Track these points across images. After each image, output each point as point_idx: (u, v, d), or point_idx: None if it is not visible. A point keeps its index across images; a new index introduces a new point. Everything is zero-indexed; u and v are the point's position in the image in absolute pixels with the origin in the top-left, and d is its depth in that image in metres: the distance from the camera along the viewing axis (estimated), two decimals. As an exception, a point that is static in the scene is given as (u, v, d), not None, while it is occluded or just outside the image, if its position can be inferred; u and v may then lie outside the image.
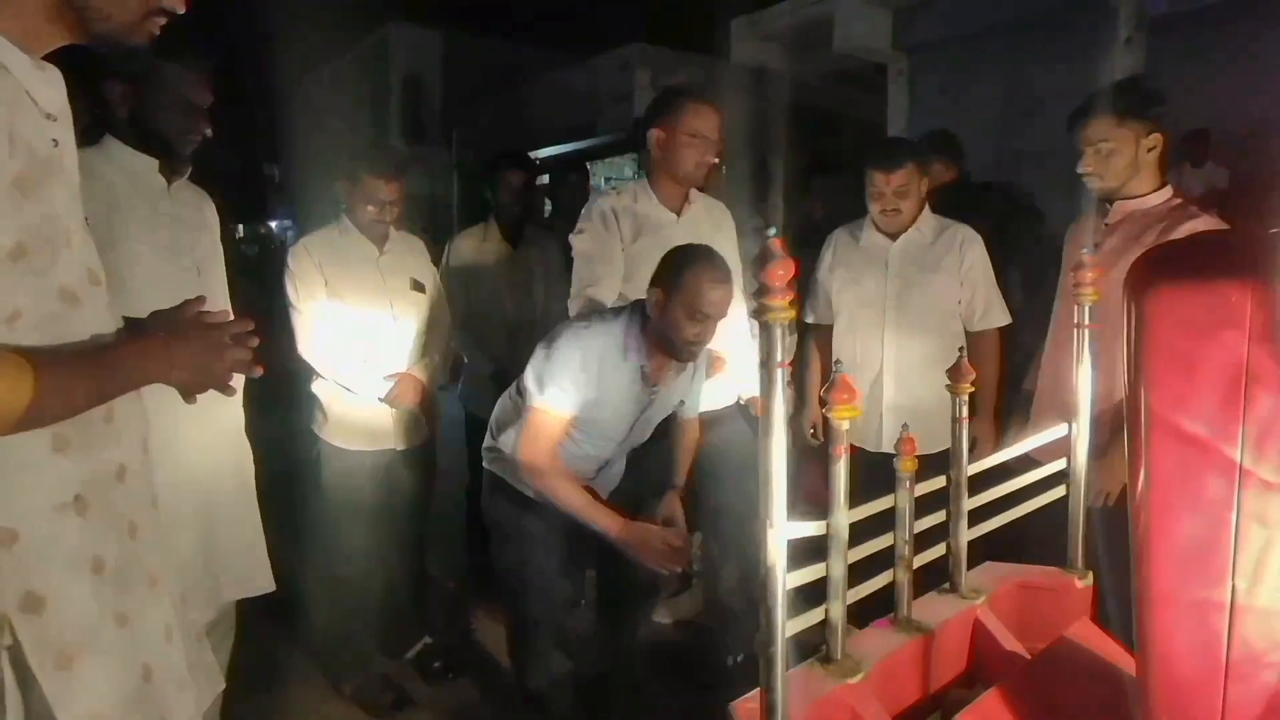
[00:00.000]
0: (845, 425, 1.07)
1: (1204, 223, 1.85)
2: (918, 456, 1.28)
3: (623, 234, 2.24)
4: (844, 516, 1.09)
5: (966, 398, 1.32)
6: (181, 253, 1.65)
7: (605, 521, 1.90)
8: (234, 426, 1.75)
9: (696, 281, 1.82)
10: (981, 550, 1.44)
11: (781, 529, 0.87)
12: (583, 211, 2.32)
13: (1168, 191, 1.93)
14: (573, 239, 2.29)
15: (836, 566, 1.09)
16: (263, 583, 1.75)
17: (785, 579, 0.90)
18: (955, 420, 1.32)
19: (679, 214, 2.30)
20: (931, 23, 5.83)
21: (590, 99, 8.13)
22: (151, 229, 1.60)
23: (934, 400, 1.67)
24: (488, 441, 2.17)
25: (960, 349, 1.36)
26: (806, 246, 2.55)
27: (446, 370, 2.53)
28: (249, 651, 1.85)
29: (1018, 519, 1.39)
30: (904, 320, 2.36)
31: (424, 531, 2.55)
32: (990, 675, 1.24)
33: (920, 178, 2.37)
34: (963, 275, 2.36)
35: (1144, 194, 1.92)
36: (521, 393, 2.02)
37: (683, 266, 1.86)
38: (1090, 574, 1.43)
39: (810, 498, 1.33)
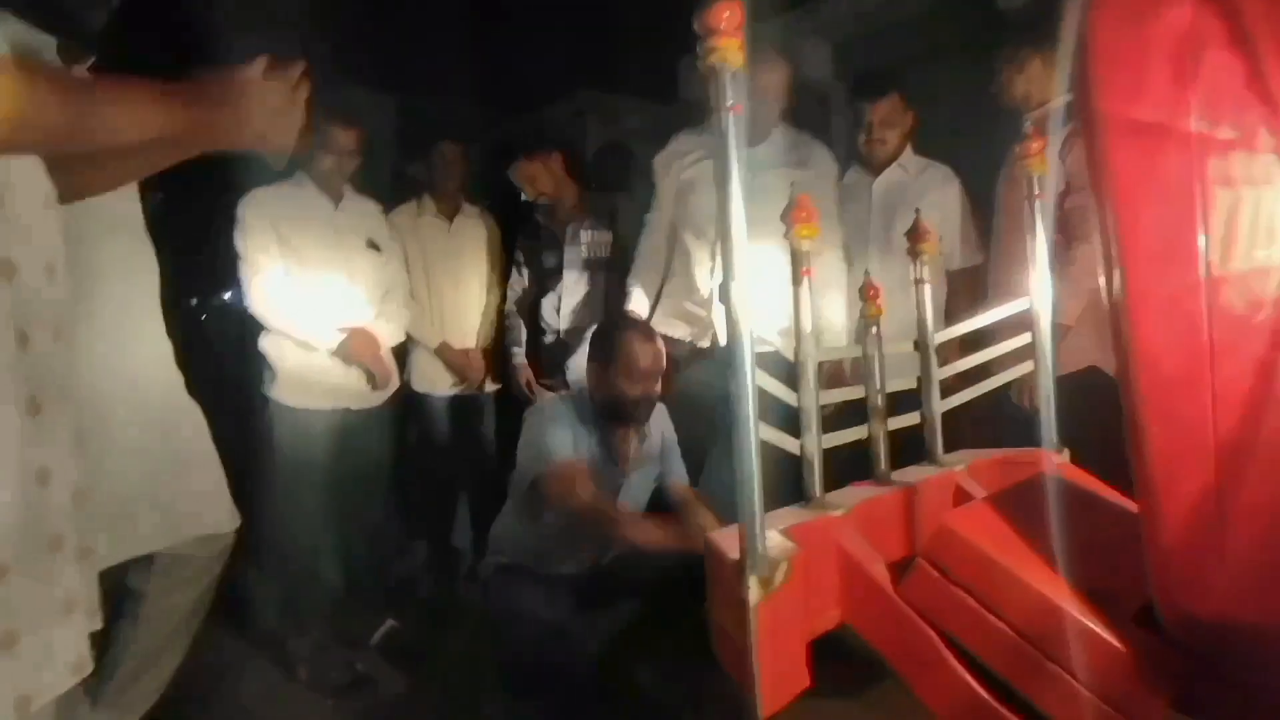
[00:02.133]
0: (806, 246, 1.05)
1: None
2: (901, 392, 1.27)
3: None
4: (812, 344, 1.06)
5: (927, 258, 1.31)
6: None
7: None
8: (161, 356, 1.54)
9: (627, 344, 1.93)
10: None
11: (744, 299, 0.83)
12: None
13: None
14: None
15: (807, 396, 1.05)
16: (215, 520, 1.51)
17: (752, 360, 0.86)
18: (917, 283, 1.30)
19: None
20: (871, 52, 6.04)
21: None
22: None
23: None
24: (490, 550, 2.08)
25: (916, 211, 1.34)
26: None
27: (402, 332, 2.43)
28: (200, 631, 1.67)
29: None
30: (889, 255, 2.25)
31: (384, 503, 2.41)
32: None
33: (904, 109, 2.36)
34: (943, 213, 2.30)
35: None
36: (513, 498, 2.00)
37: (610, 335, 1.99)
38: (1067, 450, 1.41)
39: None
